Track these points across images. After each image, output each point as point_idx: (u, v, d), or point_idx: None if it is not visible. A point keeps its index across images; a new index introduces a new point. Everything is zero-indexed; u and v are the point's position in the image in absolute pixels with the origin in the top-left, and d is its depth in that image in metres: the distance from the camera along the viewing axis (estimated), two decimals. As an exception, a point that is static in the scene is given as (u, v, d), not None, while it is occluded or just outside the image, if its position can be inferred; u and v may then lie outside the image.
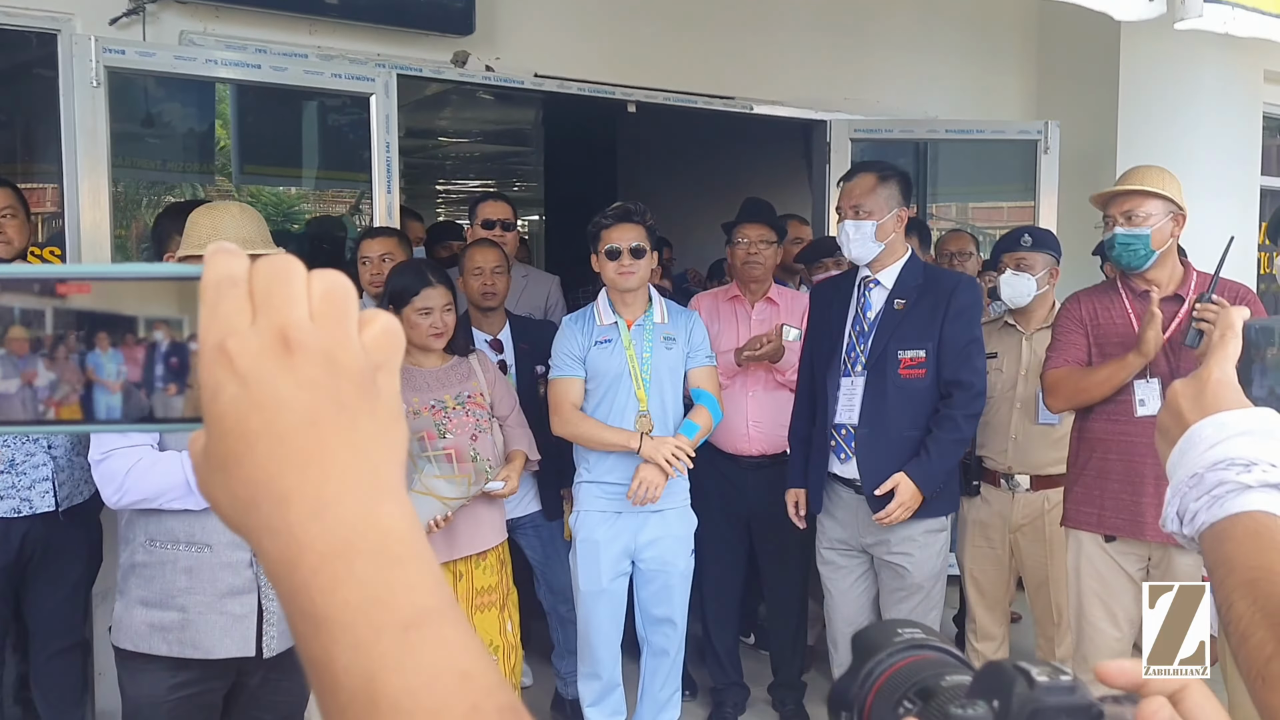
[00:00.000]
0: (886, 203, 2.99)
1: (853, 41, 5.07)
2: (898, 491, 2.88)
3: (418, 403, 3.02)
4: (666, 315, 3.17)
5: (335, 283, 0.48)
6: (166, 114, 4.21)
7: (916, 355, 2.95)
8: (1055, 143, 5.10)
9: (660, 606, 3.19)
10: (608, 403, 3.10)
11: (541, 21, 4.29)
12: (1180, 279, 2.88)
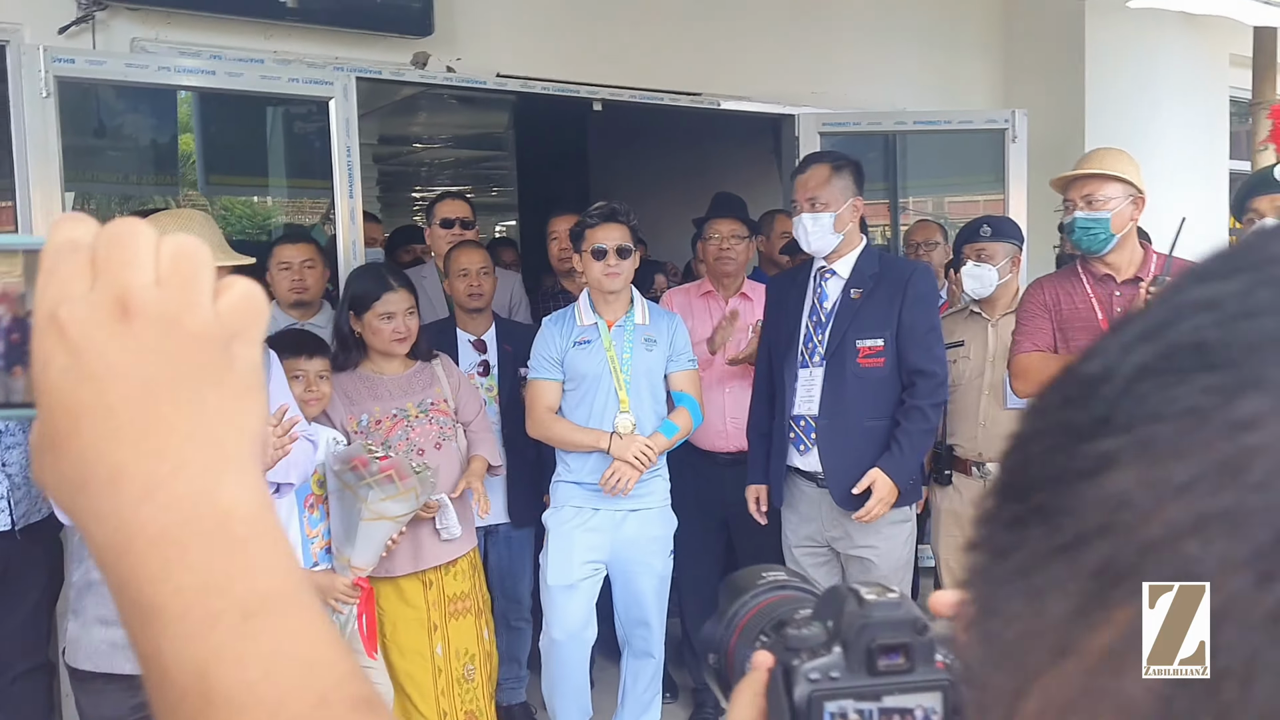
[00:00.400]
0: (842, 193, 2.98)
1: (818, 35, 5.05)
2: (875, 488, 2.86)
3: (379, 411, 2.97)
4: (648, 316, 3.15)
5: (186, 246, 0.44)
6: (129, 125, 4.15)
7: (875, 344, 2.93)
8: (1023, 131, 5.09)
9: (637, 608, 3.16)
10: (588, 403, 3.07)
11: (502, 21, 4.25)
12: (1140, 262, 2.87)
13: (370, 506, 2.64)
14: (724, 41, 4.79)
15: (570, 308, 3.19)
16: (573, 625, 3.09)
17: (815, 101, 5.07)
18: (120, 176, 4.45)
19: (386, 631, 2.99)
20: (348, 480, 2.64)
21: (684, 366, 3.19)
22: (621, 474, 3.00)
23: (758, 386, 3.23)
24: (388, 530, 2.72)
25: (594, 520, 3.09)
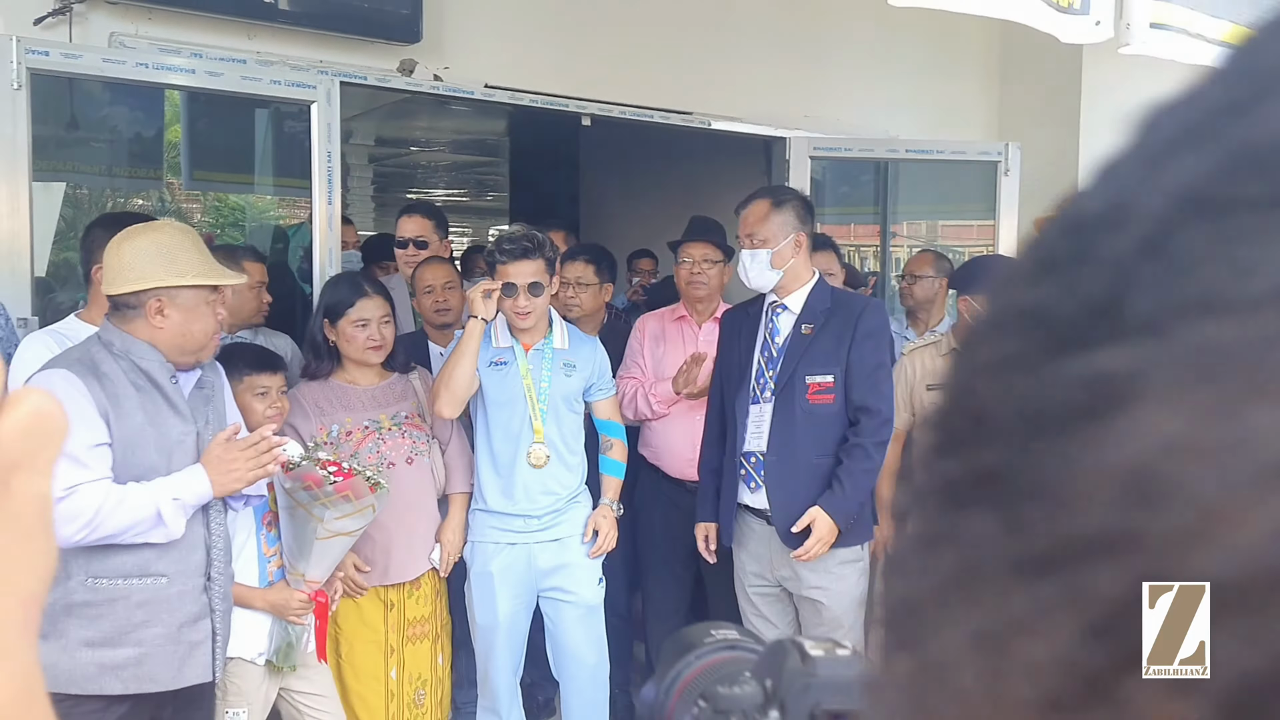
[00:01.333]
0: (781, 229, 2.91)
1: (812, 58, 5.00)
2: (814, 527, 2.80)
3: (350, 422, 2.91)
4: (568, 340, 3.07)
5: None
6: (108, 117, 4.08)
7: (824, 380, 2.87)
8: (1016, 164, 5.06)
9: (565, 641, 3.05)
10: (501, 428, 2.98)
11: (492, 31, 4.19)
12: None
13: (326, 525, 2.57)
14: (716, 61, 4.74)
15: (487, 325, 3.07)
16: (503, 661, 3.02)
17: (807, 125, 5.02)
18: (99, 169, 4.38)
19: (342, 650, 2.93)
20: (301, 499, 2.56)
21: (608, 393, 3.16)
22: (605, 534, 3.05)
23: (709, 422, 3.16)
24: (344, 545, 2.66)
25: (513, 554, 3.00)
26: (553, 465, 2.99)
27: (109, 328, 2.26)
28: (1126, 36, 2.54)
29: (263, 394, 2.71)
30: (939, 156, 5.12)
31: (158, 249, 2.23)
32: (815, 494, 2.85)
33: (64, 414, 0.39)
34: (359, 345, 2.90)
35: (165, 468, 2.22)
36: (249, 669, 2.65)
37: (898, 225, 6.05)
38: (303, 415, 2.85)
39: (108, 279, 2.24)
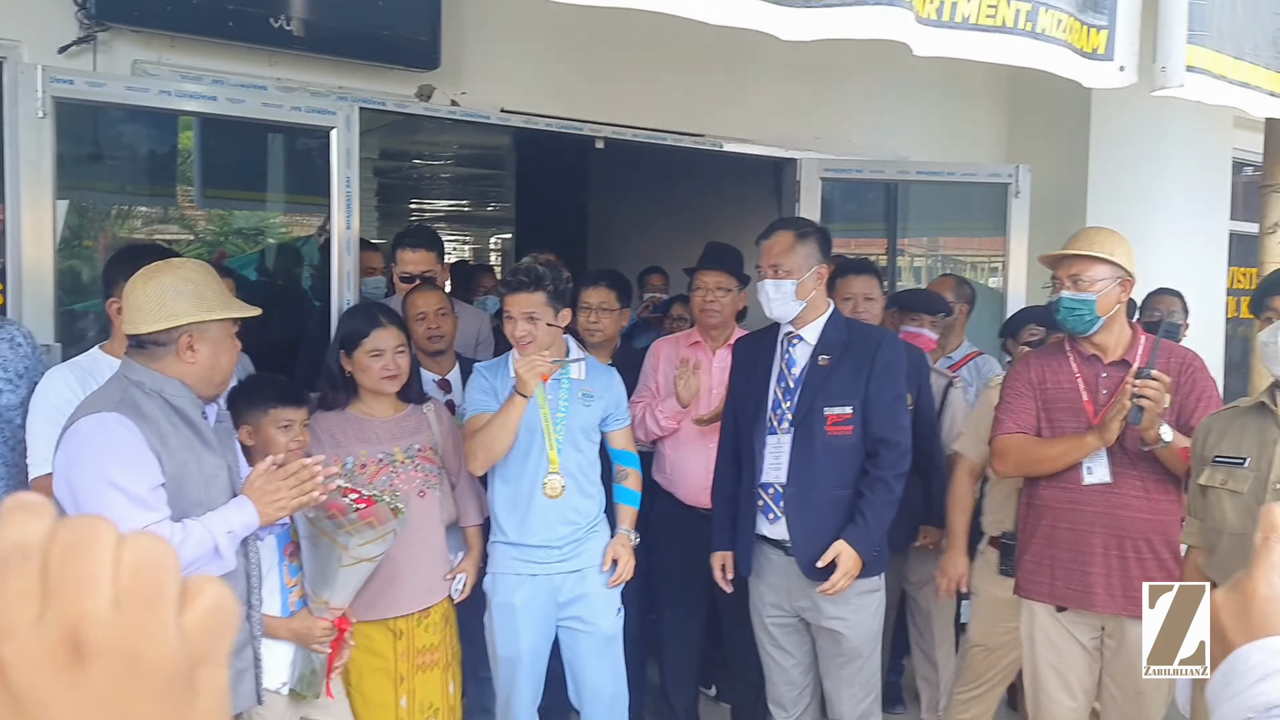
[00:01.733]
0: (805, 261, 2.93)
1: (823, 80, 5.03)
2: (840, 561, 2.80)
3: (365, 455, 2.92)
4: (584, 371, 3.07)
5: (149, 554, 0.39)
6: (127, 137, 4.09)
7: (843, 412, 2.88)
8: (1026, 186, 5.08)
9: (584, 670, 3.06)
10: (519, 459, 2.98)
11: (508, 57, 4.22)
12: (1128, 343, 2.82)
13: (350, 553, 2.59)
14: (728, 84, 4.77)
15: (505, 357, 3.08)
16: (524, 693, 3.03)
17: (818, 146, 5.05)
18: (116, 187, 4.40)
19: (352, 679, 2.93)
20: (324, 527, 2.58)
21: (623, 423, 3.18)
22: (624, 563, 3.06)
23: (723, 450, 3.17)
24: (366, 571, 2.67)
25: (534, 585, 3.00)
26: (569, 495, 2.99)
27: (134, 367, 2.24)
28: (1162, 79, 2.56)
29: (286, 427, 2.71)
30: (950, 178, 5.15)
31: (186, 285, 2.23)
32: (835, 525, 2.86)
33: (234, 604, 0.41)
34: (374, 375, 2.91)
35: (206, 501, 2.24)
36: (273, 699, 2.65)
37: (905, 241, 6.08)
38: (318, 446, 2.85)
39: (134, 318, 2.22)
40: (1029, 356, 3.03)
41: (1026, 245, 5.13)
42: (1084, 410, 2.78)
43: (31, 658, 0.36)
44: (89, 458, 2.12)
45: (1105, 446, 2.69)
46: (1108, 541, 2.73)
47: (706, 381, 3.54)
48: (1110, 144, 5.25)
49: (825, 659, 3.01)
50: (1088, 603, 2.74)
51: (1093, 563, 2.73)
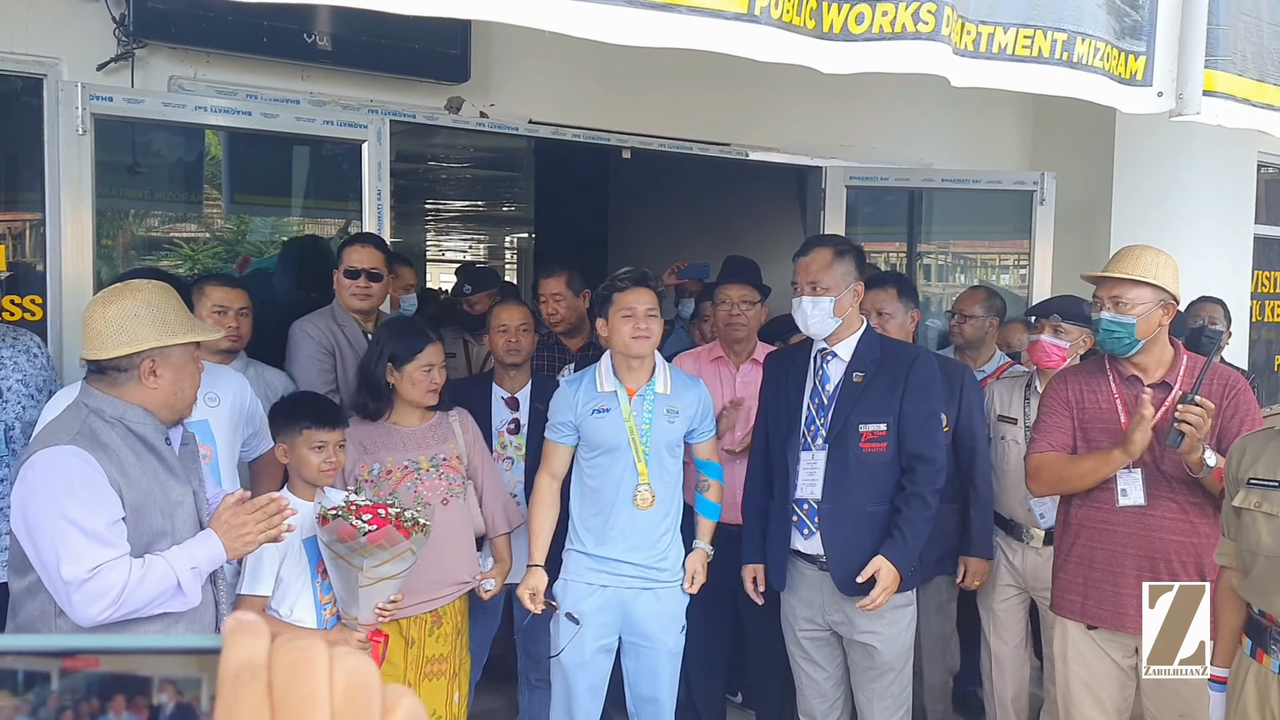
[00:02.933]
0: (843, 278, 2.93)
1: (848, 88, 5.01)
2: (880, 576, 2.81)
3: (391, 462, 2.95)
4: (670, 385, 3.08)
5: (358, 674, 0.43)
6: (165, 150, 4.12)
7: (878, 429, 2.89)
8: (1051, 194, 5.09)
9: (646, 684, 3.10)
10: (603, 471, 3.01)
11: (536, 69, 4.25)
12: (1169, 364, 2.79)
13: (367, 574, 2.60)
14: (753, 93, 4.78)
15: (590, 370, 3.11)
16: (585, 700, 3.06)
17: (843, 154, 5.06)
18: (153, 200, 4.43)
19: None
20: (339, 551, 2.59)
21: (709, 434, 3.15)
22: (699, 577, 3.09)
23: (753, 465, 3.18)
24: (390, 588, 2.68)
25: (605, 596, 3.04)
26: (655, 509, 3.01)
27: (93, 394, 2.15)
28: (1180, 106, 2.57)
29: (319, 448, 2.71)
30: (975, 186, 5.15)
31: (148, 309, 2.15)
32: (870, 540, 2.88)
33: (425, 715, 0.45)
34: (423, 389, 2.95)
35: (170, 531, 2.17)
36: None
37: (926, 245, 6.07)
38: (346, 454, 2.89)
39: (94, 344, 2.13)
40: (1066, 373, 3.01)
41: (1051, 252, 5.14)
42: (1121, 431, 2.75)
43: None
44: (44, 493, 2.03)
45: (1131, 460, 2.68)
46: (1140, 564, 2.71)
47: (732, 396, 3.55)
48: (1134, 150, 5.25)
49: (857, 672, 3.03)
50: (1119, 623, 2.74)
51: (1125, 584, 2.72)
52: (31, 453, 2.07)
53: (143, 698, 0.45)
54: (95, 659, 0.45)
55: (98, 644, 0.45)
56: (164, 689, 0.45)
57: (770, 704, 3.70)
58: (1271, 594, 2.24)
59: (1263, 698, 2.28)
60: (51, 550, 2.00)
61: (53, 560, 2.00)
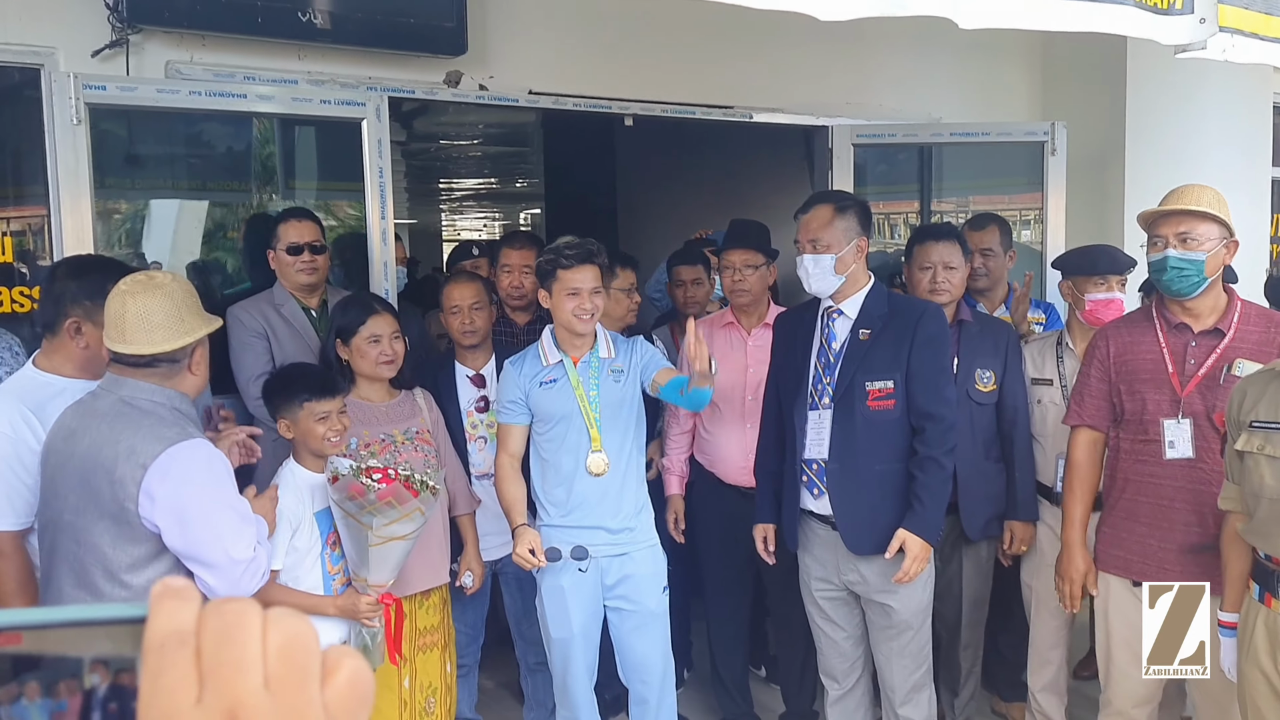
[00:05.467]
0: (845, 235, 2.88)
1: (853, 44, 4.96)
2: (906, 549, 2.79)
3: (368, 435, 2.98)
4: (613, 348, 3.06)
5: (294, 635, 0.41)
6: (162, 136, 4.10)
7: (885, 386, 2.84)
8: (1063, 144, 5.00)
9: (632, 649, 3.09)
10: (557, 441, 3.00)
11: (534, 39, 4.21)
12: (1223, 310, 2.67)
13: (376, 533, 2.63)
14: (755, 53, 4.72)
15: (532, 348, 3.07)
16: (580, 673, 3.07)
17: (849, 112, 4.99)
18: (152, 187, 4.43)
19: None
20: (349, 509, 2.62)
21: (660, 366, 3.05)
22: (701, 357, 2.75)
23: (765, 426, 3.16)
24: (400, 549, 2.69)
25: (576, 568, 3.02)
26: (612, 474, 3.00)
27: (153, 389, 2.16)
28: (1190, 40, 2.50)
29: (323, 418, 2.73)
30: (984, 139, 5.08)
31: (190, 298, 2.19)
32: (880, 499, 2.86)
33: (371, 676, 0.43)
34: (371, 361, 2.97)
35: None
36: None
37: (939, 203, 5.99)
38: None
39: (151, 337, 2.12)
40: (1108, 328, 2.90)
41: (1064, 203, 5.06)
42: (1169, 383, 2.67)
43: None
44: (200, 484, 2.12)
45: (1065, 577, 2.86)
46: (1189, 517, 2.65)
47: (743, 361, 3.53)
48: (1147, 96, 5.15)
49: (875, 631, 3.02)
50: (1162, 576, 2.66)
51: (1171, 539, 2.66)
52: (156, 453, 2.08)
53: (74, 680, 0.43)
54: (18, 635, 0.43)
55: (17, 619, 0.43)
56: (96, 670, 0.43)
57: (793, 673, 3.70)
58: (1276, 537, 2.20)
59: (1274, 641, 2.25)
60: (221, 536, 2.14)
61: (222, 546, 2.14)
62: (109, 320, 2.15)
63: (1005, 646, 3.85)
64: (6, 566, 2.27)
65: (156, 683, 0.40)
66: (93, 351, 2.36)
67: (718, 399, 3.56)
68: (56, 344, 2.40)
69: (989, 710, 3.88)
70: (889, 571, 2.88)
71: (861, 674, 3.16)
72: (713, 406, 3.59)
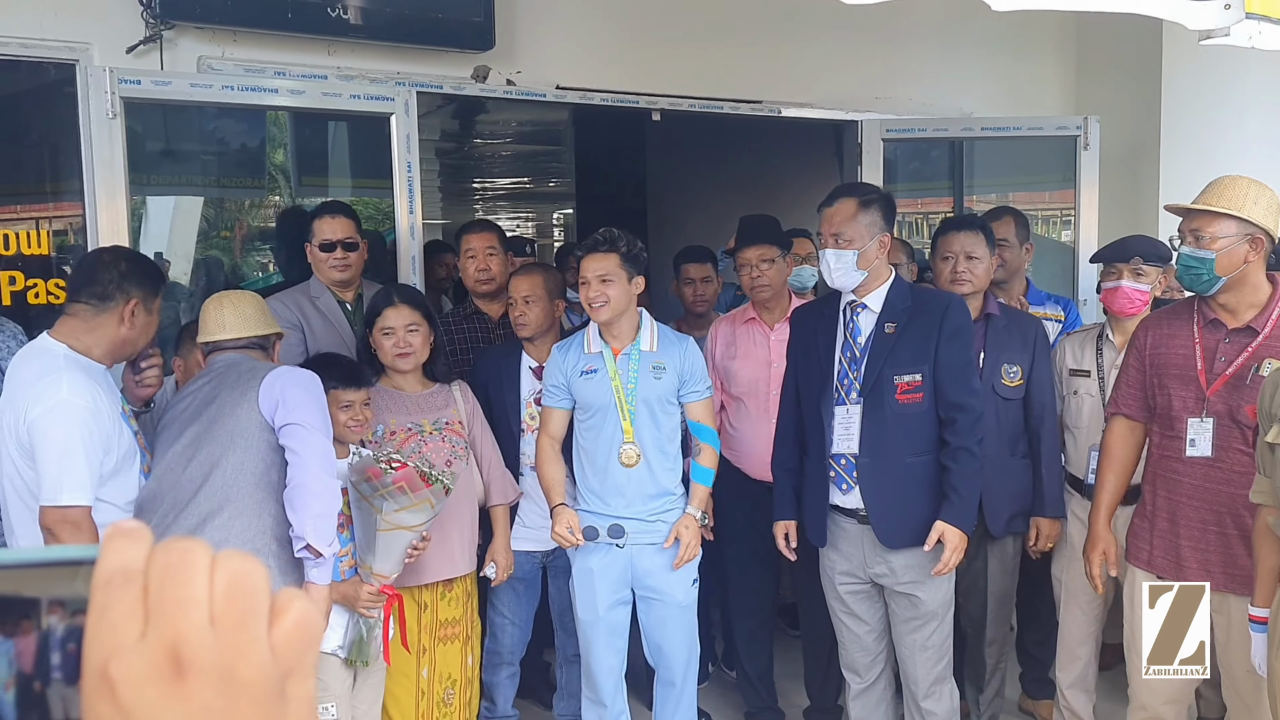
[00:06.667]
0: (868, 229, 2.86)
1: (882, 38, 4.94)
2: (945, 541, 2.77)
3: (395, 423, 3.01)
4: (656, 343, 3.06)
5: (241, 574, 0.42)
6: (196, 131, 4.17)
7: (913, 379, 2.82)
8: (1095, 138, 4.94)
9: (658, 637, 3.12)
10: (594, 433, 3.04)
11: (562, 33, 4.23)
12: (1261, 307, 2.58)
13: (385, 518, 2.66)
14: (784, 47, 4.71)
15: (579, 334, 3.12)
16: (604, 655, 3.09)
17: (879, 107, 4.97)
18: (186, 181, 4.50)
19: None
20: (363, 491, 2.67)
21: (702, 395, 3.09)
22: (686, 545, 3.03)
23: (783, 422, 3.15)
24: (406, 540, 2.73)
25: (613, 552, 3.05)
26: (644, 466, 3.02)
27: (259, 363, 2.65)
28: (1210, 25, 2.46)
29: (346, 407, 2.80)
30: (1016, 133, 5.03)
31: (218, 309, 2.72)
32: (913, 491, 2.85)
33: (319, 620, 0.43)
34: (386, 352, 3.02)
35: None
36: (330, 661, 2.76)
37: (972, 199, 5.94)
38: None
39: (238, 326, 2.68)
40: (1149, 319, 2.88)
41: (1097, 198, 5.01)
42: (1196, 380, 2.62)
43: (136, 674, 0.39)
44: (314, 398, 2.53)
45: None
46: (1205, 516, 2.61)
47: (766, 356, 3.53)
48: (1183, 89, 5.08)
49: (899, 624, 3.00)
50: (1179, 575, 2.64)
51: (1186, 535, 2.63)
52: (271, 367, 2.59)
53: (29, 621, 0.43)
54: None
55: None
56: (54, 611, 0.43)
57: (818, 667, 3.68)
58: None
59: None
60: (318, 445, 2.49)
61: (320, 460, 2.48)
62: (208, 318, 2.69)
63: (1032, 644, 3.82)
64: (85, 540, 2.30)
65: (102, 618, 0.40)
66: (132, 336, 2.50)
67: (743, 394, 3.56)
68: (100, 320, 2.45)
69: (1015, 707, 3.84)
70: (919, 563, 2.88)
71: (884, 668, 3.14)
72: (738, 402, 3.60)
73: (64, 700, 0.43)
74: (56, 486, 2.28)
